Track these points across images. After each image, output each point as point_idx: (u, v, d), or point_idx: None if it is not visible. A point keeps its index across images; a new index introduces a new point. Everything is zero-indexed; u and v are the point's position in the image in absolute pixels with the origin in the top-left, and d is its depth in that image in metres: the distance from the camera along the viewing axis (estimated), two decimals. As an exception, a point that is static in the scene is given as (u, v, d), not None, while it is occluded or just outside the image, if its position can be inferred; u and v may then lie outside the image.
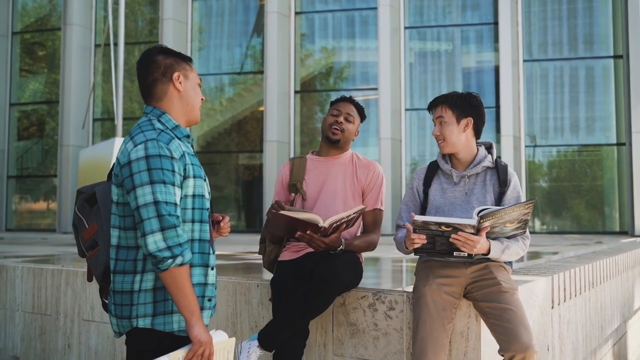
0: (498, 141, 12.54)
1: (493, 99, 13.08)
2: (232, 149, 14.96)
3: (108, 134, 15.02)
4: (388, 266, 5.73)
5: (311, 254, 3.14)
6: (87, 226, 2.42)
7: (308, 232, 2.92)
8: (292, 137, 14.06)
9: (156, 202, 2.10)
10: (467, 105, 3.04)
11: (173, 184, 2.15)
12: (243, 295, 3.59)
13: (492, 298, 2.80)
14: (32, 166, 16.48)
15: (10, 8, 16.10)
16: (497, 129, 12.71)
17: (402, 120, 13.39)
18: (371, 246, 3.30)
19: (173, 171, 2.16)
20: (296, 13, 14.26)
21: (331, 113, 3.35)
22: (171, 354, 2.13)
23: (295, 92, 14.14)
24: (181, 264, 2.11)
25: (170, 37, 14.26)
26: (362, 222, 3.36)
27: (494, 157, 3.09)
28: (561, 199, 13.22)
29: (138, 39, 15.46)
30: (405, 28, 13.68)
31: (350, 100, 3.39)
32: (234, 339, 2.30)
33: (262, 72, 14.14)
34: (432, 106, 3.10)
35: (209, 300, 2.30)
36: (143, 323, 2.20)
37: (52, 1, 16.26)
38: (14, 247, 8.58)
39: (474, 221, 2.71)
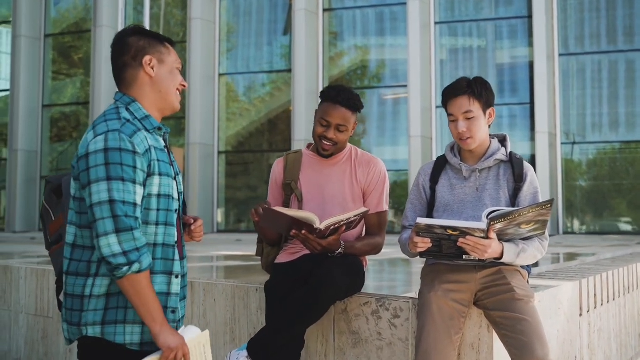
0: (532, 139, 12.08)
1: (527, 95, 12.64)
2: (264, 148, 14.82)
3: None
4: (419, 269, 5.43)
5: (309, 256, 2.88)
6: (53, 219, 2.26)
7: (303, 231, 2.67)
8: (320, 136, 13.82)
9: (112, 201, 1.89)
10: (489, 94, 2.74)
11: (133, 182, 1.93)
12: (242, 300, 3.37)
13: (505, 307, 2.51)
14: (67, 167, 16.62)
15: (43, 11, 16.27)
16: (532, 126, 12.25)
17: (432, 118, 13.04)
18: (375, 249, 3.02)
19: (134, 167, 1.93)
20: (324, 10, 14.04)
21: (320, 122, 2.94)
22: None
23: (324, 90, 13.89)
24: (139, 271, 1.90)
25: (199, 37, 14.19)
26: (364, 224, 3.08)
27: (508, 150, 2.80)
28: (601, 199, 12.69)
29: (173, 38, 15.41)
30: (436, 23, 13.33)
31: (340, 101, 2.91)
32: (207, 331, 2.10)
33: (290, 71, 13.96)
34: (453, 97, 2.69)
35: (173, 312, 2.07)
36: (92, 331, 1.97)
37: (87, 5, 16.36)
38: (41, 247, 8.54)
39: (483, 225, 2.43)
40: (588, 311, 3.83)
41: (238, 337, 3.36)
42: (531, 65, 12.57)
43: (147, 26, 12.13)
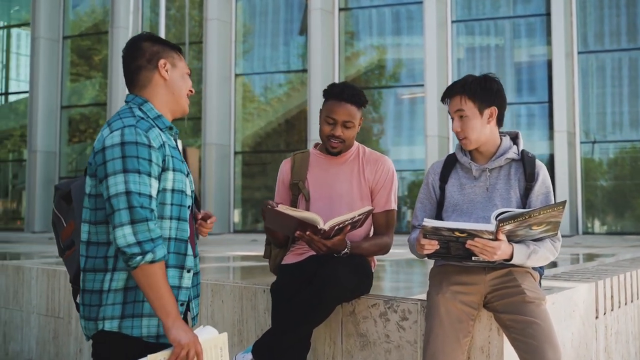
0: (551, 137, 11.93)
1: (546, 93, 12.48)
2: (281, 148, 14.81)
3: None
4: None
5: (315, 257, 2.83)
6: (64, 225, 2.28)
7: (307, 232, 2.62)
8: (337, 136, 13.73)
9: (128, 193, 1.93)
10: (488, 93, 2.67)
11: (149, 175, 1.98)
12: (249, 301, 3.33)
13: (515, 309, 2.44)
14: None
15: (62, 14, 16.40)
16: (550, 125, 12.10)
17: (449, 118, 12.93)
18: (383, 249, 2.97)
19: (150, 161, 1.99)
20: (340, 9, 13.99)
21: (326, 120, 2.91)
22: (150, 356, 1.93)
23: (340, 90, 13.81)
24: (152, 261, 1.92)
25: (215, 37, 14.22)
26: (372, 224, 3.03)
27: (520, 148, 2.72)
28: (622, 198, 12.49)
29: (191, 39, 15.47)
30: (453, 22, 13.22)
31: (345, 97, 2.89)
32: (225, 334, 2.07)
33: (306, 71, 13.93)
34: (447, 96, 2.71)
35: (182, 304, 2.10)
36: (110, 325, 2.00)
37: (105, 8, 16.47)
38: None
39: (492, 226, 2.36)
40: (605, 313, 3.73)
41: (246, 338, 3.32)
42: (549, 64, 12.42)
43: (162, 27, 12.15)
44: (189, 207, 2.14)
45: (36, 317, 4.55)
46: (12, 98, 18.24)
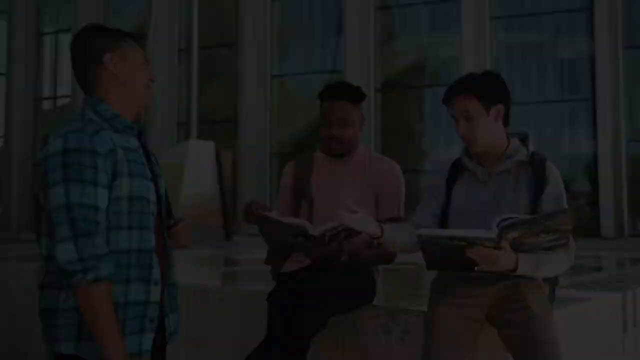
0: (594, 136, 11.49)
1: (589, 91, 12.04)
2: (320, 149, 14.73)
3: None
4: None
5: (312, 266, 2.71)
6: None
7: (299, 238, 2.49)
8: (373, 137, 13.58)
9: (69, 205, 1.77)
10: (495, 90, 2.49)
11: (94, 184, 1.80)
12: (252, 309, 3.22)
13: (518, 325, 2.26)
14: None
15: (102, 18, 16.69)
16: (594, 123, 11.66)
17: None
18: (384, 259, 2.79)
19: (95, 168, 1.81)
20: (376, 9, 13.81)
21: (321, 122, 2.79)
22: None
23: (376, 90, 13.66)
24: (95, 280, 1.76)
25: (251, 39, 14.23)
26: None
27: (530, 150, 2.53)
28: (671, 200, 11.96)
29: (228, 41, 15.54)
30: (492, 19, 12.89)
31: (334, 94, 2.75)
32: None
33: (341, 71, 13.80)
34: (450, 95, 2.50)
35: (151, 321, 1.93)
36: (66, 348, 1.84)
37: (146, 12, 16.69)
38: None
39: (492, 234, 2.19)
40: (634, 326, 3.49)
41: (250, 347, 3.21)
42: (593, 60, 11.98)
43: (195, 28, 12.18)
44: (154, 214, 1.95)
45: (52, 321, 4.55)
46: (59, 102, 18.69)
